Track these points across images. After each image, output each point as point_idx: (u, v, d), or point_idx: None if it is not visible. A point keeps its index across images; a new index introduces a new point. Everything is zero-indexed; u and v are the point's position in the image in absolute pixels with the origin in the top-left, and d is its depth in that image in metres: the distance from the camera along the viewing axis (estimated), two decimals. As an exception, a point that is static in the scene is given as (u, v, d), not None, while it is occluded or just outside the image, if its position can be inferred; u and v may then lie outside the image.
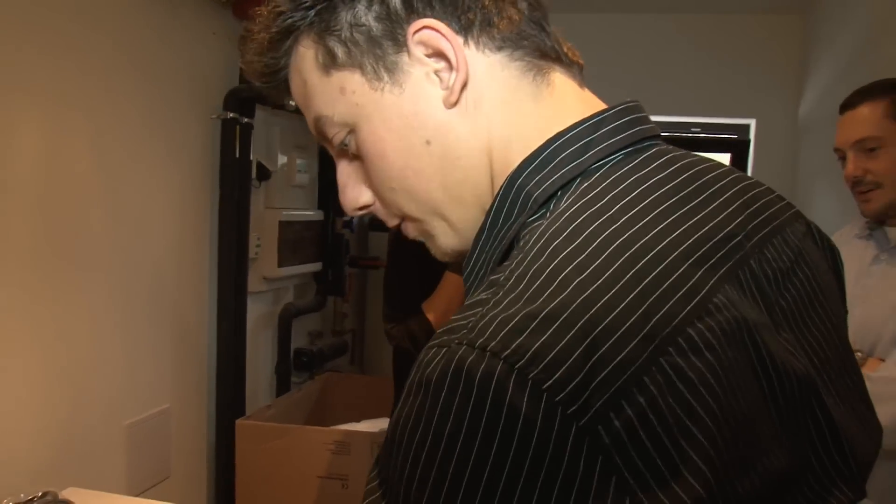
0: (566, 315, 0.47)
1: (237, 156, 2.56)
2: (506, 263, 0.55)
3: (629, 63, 3.84)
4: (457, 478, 0.46)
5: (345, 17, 0.65)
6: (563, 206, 0.58)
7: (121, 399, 2.18)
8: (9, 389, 1.76)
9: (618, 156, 0.63)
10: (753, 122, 4.04)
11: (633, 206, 0.56)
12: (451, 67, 0.64)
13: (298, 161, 3.07)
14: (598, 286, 0.49)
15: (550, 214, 0.58)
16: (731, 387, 0.50)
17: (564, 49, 0.70)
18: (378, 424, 2.61)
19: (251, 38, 0.70)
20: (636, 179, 0.59)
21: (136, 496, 2.20)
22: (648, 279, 0.50)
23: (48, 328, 1.87)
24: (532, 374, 0.45)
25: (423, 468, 0.48)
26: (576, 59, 0.71)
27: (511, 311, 0.49)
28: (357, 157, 0.70)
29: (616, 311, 0.48)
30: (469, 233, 0.67)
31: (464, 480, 0.46)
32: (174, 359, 2.42)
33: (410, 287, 1.97)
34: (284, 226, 2.95)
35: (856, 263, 1.76)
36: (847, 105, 1.73)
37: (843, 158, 1.75)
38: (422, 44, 0.64)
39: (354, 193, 0.72)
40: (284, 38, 0.68)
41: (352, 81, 0.66)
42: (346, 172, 0.72)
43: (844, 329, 0.71)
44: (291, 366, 3.14)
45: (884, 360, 1.58)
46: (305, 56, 0.68)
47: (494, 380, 0.46)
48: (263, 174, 2.80)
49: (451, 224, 0.69)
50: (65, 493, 1.69)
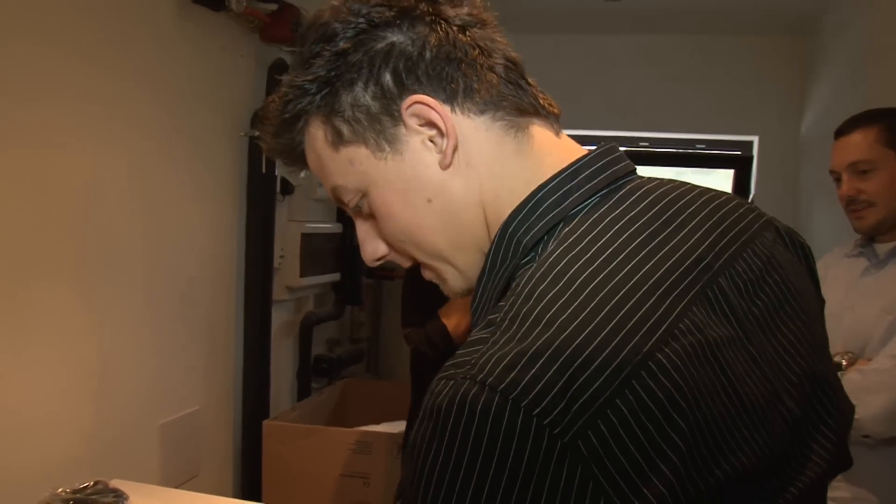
0: (549, 352, 0.57)
1: (263, 171, 2.71)
2: (501, 304, 0.65)
3: (641, 82, 3.99)
4: (464, 486, 0.57)
5: (346, 99, 0.74)
6: (548, 252, 0.67)
7: (156, 400, 2.32)
8: (59, 391, 1.91)
9: (595, 198, 0.72)
10: (756, 140, 4.17)
11: (608, 247, 0.66)
12: (442, 134, 0.73)
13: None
14: (577, 325, 0.59)
15: (538, 258, 0.68)
16: (697, 401, 0.59)
17: (541, 101, 0.78)
18: (397, 426, 2.74)
19: (267, 122, 0.80)
20: (611, 219, 0.69)
21: (171, 491, 2.34)
22: (621, 314, 0.60)
23: (94, 335, 2.02)
24: (523, 403, 0.56)
25: (437, 481, 0.58)
26: (552, 110, 0.80)
27: (505, 350, 0.59)
28: (371, 216, 0.79)
29: (592, 346, 0.58)
30: (473, 274, 0.77)
31: (470, 488, 0.56)
32: (204, 364, 2.57)
33: (426, 296, 2.13)
34: (306, 238, 3.10)
35: (846, 277, 1.89)
36: (841, 131, 1.87)
37: (838, 180, 1.88)
38: (415, 116, 0.73)
39: (372, 247, 0.82)
40: (296, 122, 0.78)
41: (358, 154, 0.75)
42: (364, 230, 0.82)
43: (820, 319, 0.82)
44: (311, 372, 3.28)
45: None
46: (316, 136, 0.77)
47: (493, 408, 0.56)
48: (287, 189, 2.95)
49: (458, 268, 0.79)
50: (112, 484, 1.83)
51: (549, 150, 0.76)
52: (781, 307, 0.73)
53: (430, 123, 0.73)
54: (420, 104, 0.72)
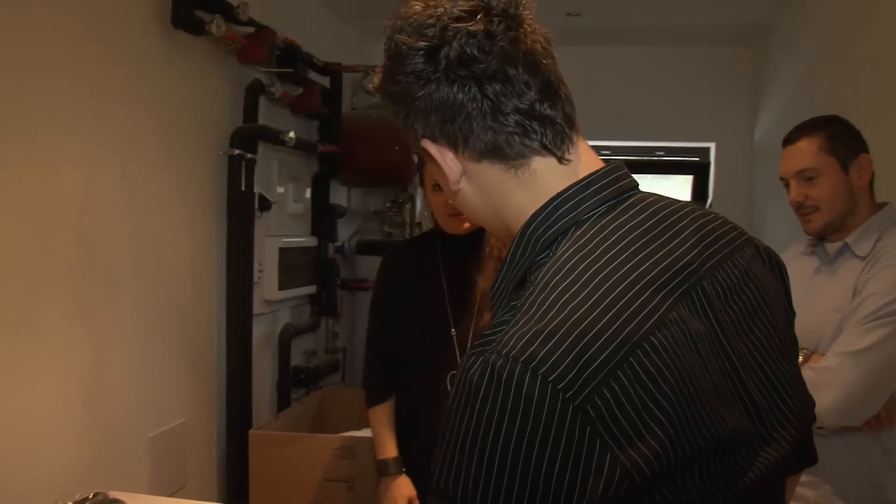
0: (562, 331, 0.72)
1: (243, 189, 2.80)
2: (521, 292, 0.80)
3: (602, 93, 4.12)
4: (494, 441, 0.70)
5: (402, 117, 0.92)
6: (562, 250, 0.82)
7: (145, 414, 2.40)
8: (50, 407, 1.99)
9: (603, 208, 0.87)
10: (713, 146, 4.34)
11: (612, 249, 0.81)
12: (447, 172, 0.92)
13: (294, 191, 3.31)
14: (585, 310, 0.73)
15: (553, 255, 0.83)
16: (682, 377, 0.74)
17: (549, 139, 0.89)
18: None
19: None
20: (616, 226, 0.84)
21: (162, 501, 2.41)
22: (621, 303, 0.75)
23: (83, 351, 2.10)
24: (541, 371, 0.69)
25: (472, 439, 0.71)
26: (565, 140, 0.91)
27: (525, 329, 0.73)
28: None
29: (597, 327, 0.72)
30: (499, 238, 1.00)
31: (499, 443, 0.69)
32: (189, 377, 2.64)
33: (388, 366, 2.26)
34: (283, 252, 3.19)
35: (801, 276, 2.02)
36: (788, 140, 2.01)
37: (788, 185, 2.02)
38: (424, 150, 0.92)
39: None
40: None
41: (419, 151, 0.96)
42: None
43: (789, 326, 0.96)
44: (290, 382, 3.36)
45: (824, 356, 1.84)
46: None
47: (516, 375, 0.70)
48: (264, 205, 3.03)
49: (491, 232, 1.02)
50: (111, 495, 1.90)
51: (553, 178, 0.89)
52: (755, 312, 0.89)
53: (436, 162, 0.92)
54: (425, 148, 0.92)
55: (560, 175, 0.89)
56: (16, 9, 1.83)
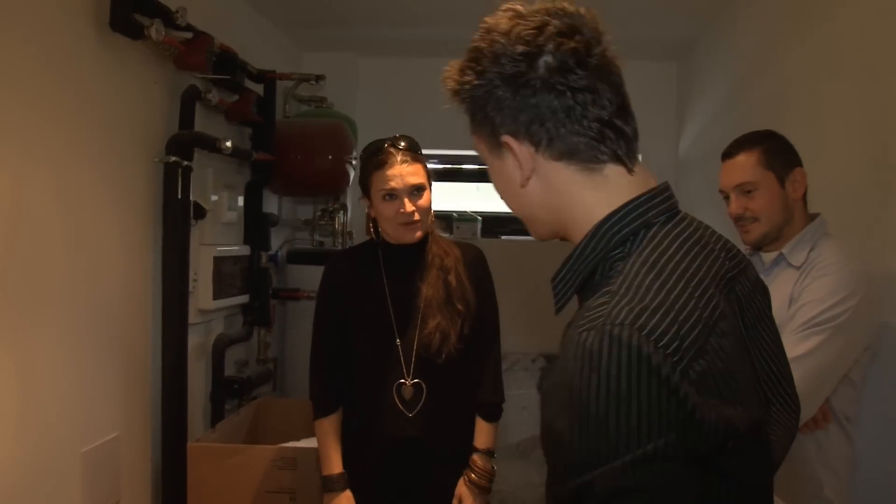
0: (663, 309, 0.88)
1: (178, 196, 2.74)
2: (612, 281, 0.94)
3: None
4: (616, 395, 0.83)
5: (479, 113, 1.06)
6: (643, 248, 0.97)
7: (77, 428, 2.32)
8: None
9: (662, 217, 1.02)
10: (640, 158, 4.44)
11: (680, 250, 0.97)
12: (521, 167, 1.04)
13: (228, 200, 3.26)
14: (675, 295, 0.90)
15: (632, 252, 0.97)
16: (738, 362, 0.93)
17: (623, 150, 1.03)
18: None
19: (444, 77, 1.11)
20: (676, 234, 1.00)
21: (97, 518, 2.34)
22: (698, 293, 0.92)
23: (12, 364, 2.02)
24: (652, 338, 0.85)
25: (601, 396, 0.84)
26: (631, 154, 1.05)
27: (630, 306, 0.88)
28: None
29: (687, 309, 0.89)
30: (537, 236, 1.12)
31: (619, 397, 0.83)
32: (123, 389, 2.57)
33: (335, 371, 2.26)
34: (218, 261, 3.14)
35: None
36: (727, 154, 2.09)
37: (727, 198, 2.10)
38: (506, 145, 1.04)
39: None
40: (457, 101, 1.10)
41: (481, 144, 1.10)
42: None
43: (779, 335, 1.14)
44: (225, 393, 3.30)
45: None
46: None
47: (633, 341, 0.85)
48: (199, 213, 2.98)
49: (532, 230, 1.13)
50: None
51: (622, 185, 1.03)
52: (761, 320, 1.08)
53: (515, 157, 1.04)
54: (506, 144, 1.04)
55: (628, 183, 1.02)
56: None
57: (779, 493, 1.90)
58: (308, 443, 2.65)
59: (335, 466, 2.21)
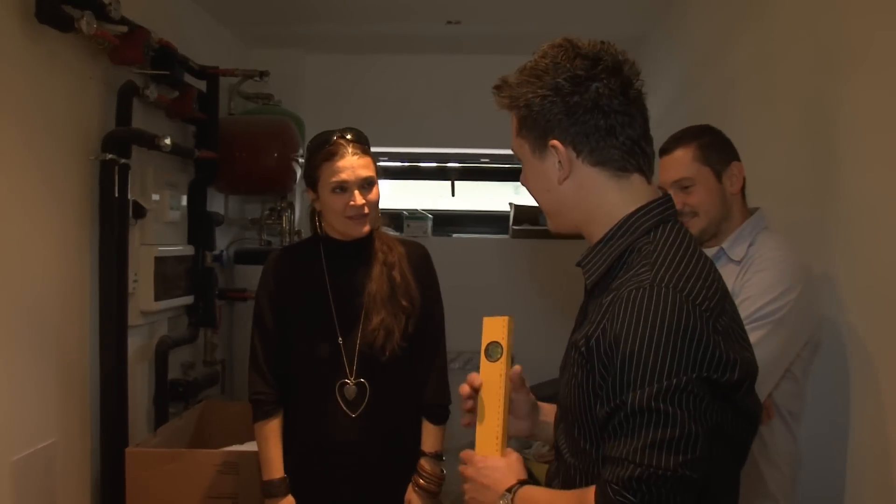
0: (694, 276, 1.15)
1: (116, 195, 2.67)
2: (646, 257, 1.19)
3: (481, 100, 4.15)
4: (664, 338, 1.08)
5: (531, 116, 1.29)
6: (666, 235, 1.23)
7: (8, 436, 2.23)
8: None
9: (671, 218, 1.28)
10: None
11: (691, 239, 1.25)
12: (563, 167, 1.28)
13: (170, 199, 3.19)
14: (699, 268, 1.18)
15: (658, 239, 1.23)
16: (739, 320, 1.23)
17: (646, 162, 1.30)
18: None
19: (498, 87, 1.36)
20: (683, 230, 1.27)
21: (30, 528, 2.25)
22: (708, 267, 1.21)
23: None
24: (689, 297, 1.12)
25: (650, 335, 1.09)
26: (646, 173, 1.31)
27: (669, 272, 1.15)
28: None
29: (710, 279, 1.17)
30: (564, 230, 1.35)
31: (665, 341, 1.08)
32: (59, 394, 2.49)
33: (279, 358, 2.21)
34: (159, 261, 3.06)
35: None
36: (664, 150, 2.08)
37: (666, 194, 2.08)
38: (553, 147, 1.28)
39: (523, 180, 1.38)
40: (511, 106, 1.33)
41: (525, 146, 1.33)
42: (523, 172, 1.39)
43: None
44: (168, 396, 3.22)
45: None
46: (513, 119, 1.35)
47: (673, 296, 1.11)
48: (139, 212, 2.90)
49: (554, 224, 1.37)
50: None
51: (643, 192, 1.29)
52: (735, 315, 1.27)
53: (558, 158, 1.28)
54: (555, 146, 1.28)
55: (646, 189, 1.30)
56: None
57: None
58: (251, 446, 2.58)
59: (276, 471, 2.15)
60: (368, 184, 2.12)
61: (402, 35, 4.25)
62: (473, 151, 4.84)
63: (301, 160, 3.80)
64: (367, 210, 2.11)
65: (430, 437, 2.23)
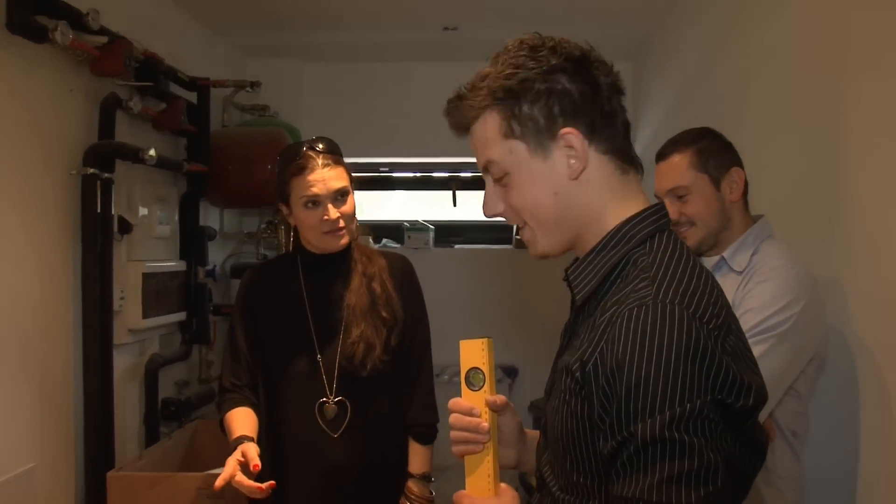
0: (699, 293, 1.02)
1: (99, 210, 2.60)
2: (644, 270, 1.06)
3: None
4: (673, 360, 0.96)
5: (525, 110, 1.10)
6: (664, 246, 1.10)
7: (-15, 461, 2.16)
8: None
9: (666, 227, 1.15)
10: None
11: (690, 255, 1.11)
12: (578, 158, 1.10)
13: (159, 213, 3.11)
14: (702, 283, 1.05)
15: (656, 249, 1.09)
16: (745, 349, 1.07)
17: (637, 161, 1.17)
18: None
19: (459, 96, 1.16)
20: (681, 243, 1.13)
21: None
22: (712, 283, 1.07)
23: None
24: (696, 315, 0.99)
25: (657, 358, 0.96)
26: (639, 171, 1.18)
27: (671, 289, 1.02)
28: (503, 186, 1.16)
29: (714, 295, 1.05)
30: (551, 247, 1.17)
31: (675, 363, 0.95)
32: (40, 416, 2.41)
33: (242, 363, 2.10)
34: (147, 277, 2.98)
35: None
36: (660, 155, 1.97)
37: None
38: (566, 136, 1.10)
39: (493, 205, 1.19)
40: (484, 107, 1.13)
41: (518, 148, 1.12)
42: (493, 192, 1.18)
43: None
44: (159, 416, 3.14)
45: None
46: (492, 122, 1.13)
47: (677, 314, 0.98)
48: (125, 227, 2.83)
49: (547, 240, 1.17)
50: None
51: (636, 194, 1.16)
52: (739, 328, 1.14)
53: (573, 148, 1.10)
54: (572, 135, 1.10)
55: (640, 193, 1.17)
56: None
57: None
58: (239, 468, 2.50)
59: (241, 430, 1.98)
60: (341, 195, 2.02)
61: (400, 43, 4.18)
62: (472, 160, 4.76)
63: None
64: (343, 223, 2.02)
65: (418, 458, 2.13)
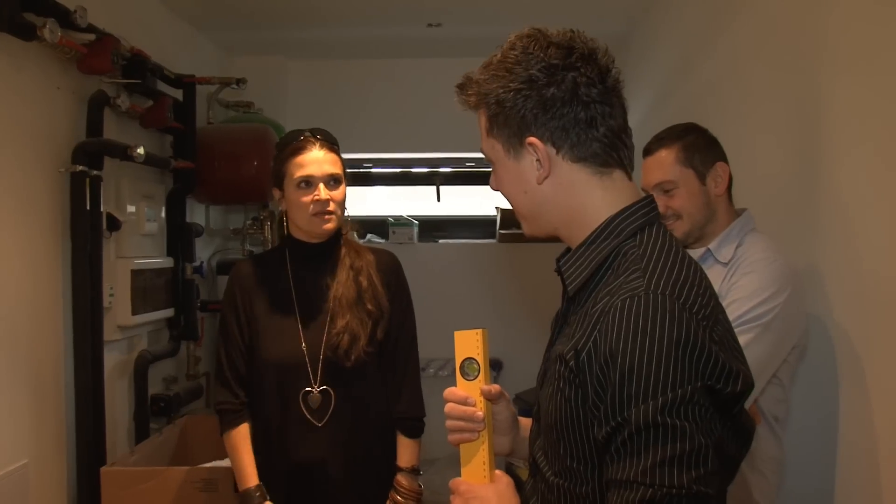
0: (688, 283, 1.07)
1: (87, 208, 2.61)
2: (635, 262, 1.10)
3: (444, 105, 4.12)
4: (665, 348, 1.00)
5: (503, 113, 1.18)
6: (654, 238, 1.15)
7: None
8: None
9: (656, 219, 1.19)
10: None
11: (679, 248, 1.15)
12: (542, 166, 1.18)
13: (147, 210, 3.13)
14: (691, 274, 1.10)
15: (646, 242, 1.14)
16: (732, 338, 1.13)
17: (627, 157, 1.20)
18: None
19: (461, 87, 1.25)
20: (669, 236, 1.18)
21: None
22: (700, 275, 1.12)
23: None
24: (686, 305, 1.04)
25: (649, 346, 1.00)
26: (627, 169, 1.22)
27: (661, 280, 1.06)
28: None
29: (703, 286, 1.10)
30: (540, 234, 1.25)
31: (666, 351, 1.00)
32: (31, 413, 2.43)
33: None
34: (136, 274, 3.00)
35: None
36: (647, 151, 2.02)
37: None
38: (531, 145, 1.17)
39: (494, 183, 1.28)
40: (478, 104, 1.23)
41: (496, 146, 1.22)
42: (493, 174, 1.28)
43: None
44: (149, 412, 3.16)
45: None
46: (482, 119, 1.24)
47: (670, 305, 1.03)
48: (113, 224, 2.84)
49: (529, 228, 1.27)
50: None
51: (626, 189, 1.20)
52: (726, 319, 1.20)
53: (536, 155, 1.18)
54: (533, 144, 1.17)
55: (628, 187, 1.21)
56: None
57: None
58: (229, 462, 2.52)
59: (250, 479, 2.08)
60: (335, 181, 2.10)
61: (383, 39, 4.20)
62: (459, 155, 4.79)
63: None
64: (333, 206, 2.08)
65: (406, 452, 2.16)
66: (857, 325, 1.86)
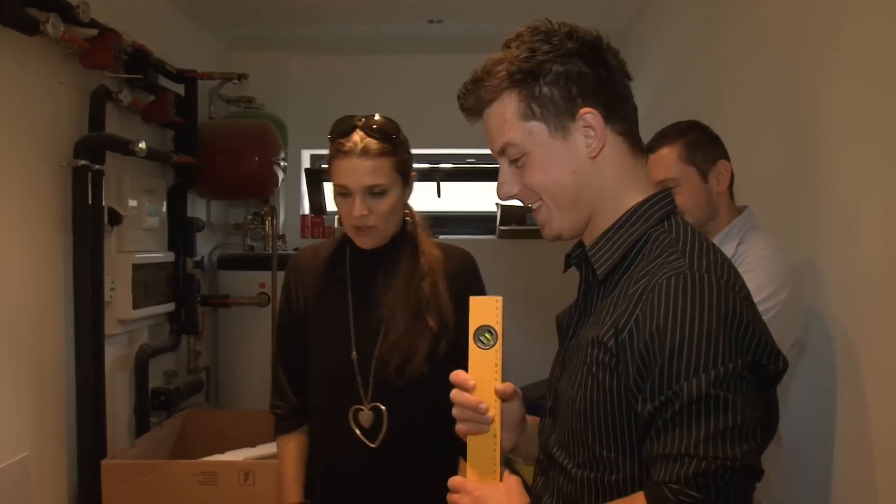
0: (719, 263, 1.08)
1: (89, 202, 2.62)
2: (670, 245, 1.11)
3: (445, 101, 4.13)
4: (710, 320, 1.01)
5: (545, 91, 1.14)
6: (682, 224, 1.16)
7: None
8: None
9: (675, 213, 1.20)
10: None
11: (699, 232, 1.16)
12: (597, 137, 1.14)
13: (148, 204, 3.14)
14: (724, 258, 1.11)
15: (672, 227, 1.15)
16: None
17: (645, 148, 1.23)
18: (242, 454, 2.70)
19: (479, 75, 1.18)
20: (690, 224, 1.19)
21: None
22: (733, 266, 1.12)
23: None
24: (725, 282, 1.05)
25: (699, 322, 1.01)
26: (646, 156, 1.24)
27: (700, 259, 1.07)
28: (517, 165, 1.18)
29: (733, 270, 1.10)
30: (567, 228, 1.20)
31: (716, 327, 1.01)
32: (32, 406, 2.44)
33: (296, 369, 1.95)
34: (137, 268, 3.01)
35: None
36: (649, 148, 2.01)
37: None
38: (584, 120, 1.14)
39: (508, 188, 1.21)
40: (503, 89, 1.15)
41: (538, 129, 1.15)
42: (508, 174, 1.20)
43: None
44: (150, 406, 3.17)
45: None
46: (509, 104, 1.15)
47: (711, 282, 1.04)
48: (115, 219, 2.85)
49: (563, 221, 1.19)
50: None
51: (646, 177, 1.22)
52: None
53: (592, 128, 1.14)
54: (591, 115, 1.14)
55: (646, 176, 1.22)
56: None
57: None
58: (230, 456, 2.55)
59: (293, 495, 1.90)
60: (377, 192, 1.79)
61: (385, 35, 4.21)
62: (459, 152, 4.80)
63: (282, 164, 3.77)
64: (372, 222, 1.80)
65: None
66: (854, 320, 1.87)
